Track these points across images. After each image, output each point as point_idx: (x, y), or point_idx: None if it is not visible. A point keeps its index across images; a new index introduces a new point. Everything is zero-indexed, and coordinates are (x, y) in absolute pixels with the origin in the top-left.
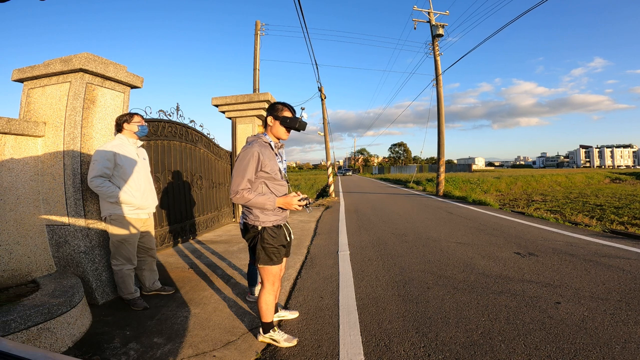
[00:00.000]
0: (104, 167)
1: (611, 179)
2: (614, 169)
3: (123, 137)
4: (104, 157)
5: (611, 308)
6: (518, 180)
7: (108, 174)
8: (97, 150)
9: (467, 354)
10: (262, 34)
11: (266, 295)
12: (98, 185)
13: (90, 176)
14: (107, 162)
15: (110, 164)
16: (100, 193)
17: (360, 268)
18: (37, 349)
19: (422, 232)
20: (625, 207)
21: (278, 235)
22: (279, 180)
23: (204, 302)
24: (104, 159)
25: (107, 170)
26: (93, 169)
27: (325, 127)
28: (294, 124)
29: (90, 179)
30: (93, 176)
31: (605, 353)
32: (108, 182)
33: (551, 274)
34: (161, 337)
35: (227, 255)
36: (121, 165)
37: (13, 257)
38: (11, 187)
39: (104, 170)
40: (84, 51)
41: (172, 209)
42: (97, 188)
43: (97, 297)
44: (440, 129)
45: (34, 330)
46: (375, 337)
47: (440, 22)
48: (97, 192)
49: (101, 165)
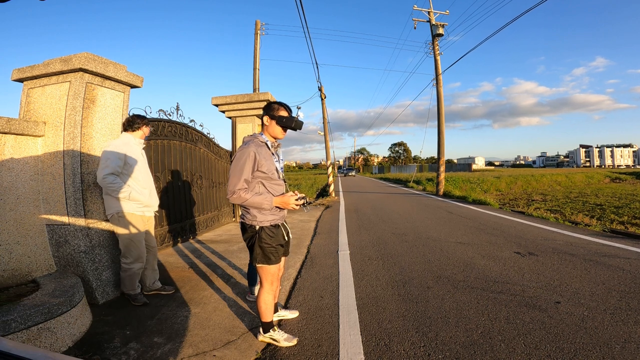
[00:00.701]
0: (116, 165)
1: (611, 178)
2: (614, 168)
3: (129, 137)
4: (116, 155)
5: (611, 308)
6: (518, 179)
7: (119, 171)
8: (106, 150)
9: (467, 353)
10: (262, 33)
11: (265, 294)
12: (111, 182)
13: (104, 173)
14: (119, 160)
15: (121, 162)
16: (112, 190)
17: (360, 268)
18: (37, 349)
19: (422, 232)
20: (625, 206)
21: (276, 234)
22: (276, 180)
23: (204, 302)
24: (116, 157)
25: (119, 168)
26: (106, 166)
27: (325, 127)
28: (290, 123)
29: (103, 176)
30: (106, 173)
31: (605, 353)
32: (120, 179)
33: (551, 273)
34: (161, 336)
35: (227, 254)
36: (130, 164)
37: (13, 256)
38: (11, 186)
39: (116, 168)
40: (84, 51)
41: (172, 208)
42: (109, 185)
43: (98, 297)
44: (440, 128)
45: (34, 330)
46: (375, 336)
47: (440, 22)
48: (108, 189)
49: (114, 163)
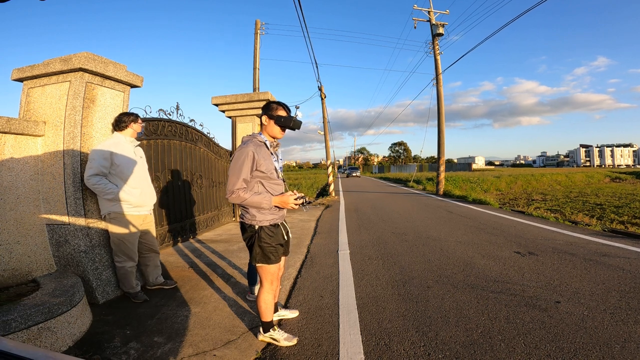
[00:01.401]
0: (100, 166)
1: (611, 178)
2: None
3: (120, 136)
4: (101, 155)
5: (611, 307)
6: (518, 179)
7: (105, 172)
8: (93, 149)
9: (467, 353)
10: (262, 33)
11: (265, 294)
12: (95, 183)
13: (87, 174)
14: (104, 160)
15: (106, 162)
16: (97, 191)
17: (360, 267)
18: (38, 349)
19: (422, 231)
20: (625, 206)
21: (275, 234)
22: (275, 180)
23: (204, 301)
24: (100, 158)
25: (103, 169)
26: (90, 168)
27: (325, 126)
28: (289, 123)
29: (86, 177)
30: (90, 175)
31: (605, 352)
32: (105, 180)
33: (551, 273)
34: (161, 336)
35: (227, 254)
36: (118, 163)
37: (13, 256)
38: (11, 186)
39: (101, 168)
40: (84, 51)
41: (172, 208)
42: (94, 186)
43: (98, 297)
44: (440, 128)
45: (34, 329)
46: (375, 336)
47: (440, 22)
48: (94, 190)
49: (97, 163)
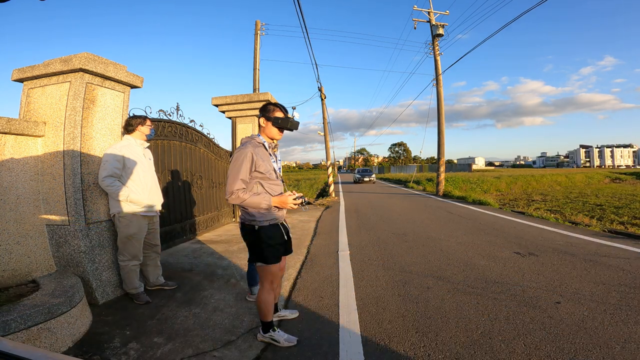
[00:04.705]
0: (114, 168)
1: (611, 178)
2: (614, 168)
3: (131, 139)
4: (114, 158)
5: (611, 308)
6: (518, 180)
7: (118, 173)
8: (106, 152)
9: (467, 353)
10: (262, 33)
11: (265, 294)
12: (109, 184)
13: (102, 176)
14: (117, 162)
15: (119, 164)
16: (110, 192)
17: (360, 268)
18: (37, 349)
19: (422, 232)
20: (625, 206)
21: (275, 234)
22: (273, 180)
23: (204, 302)
24: (114, 160)
25: (117, 170)
26: (104, 169)
27: (325, 127)
28: (285, 124)
29: (101, 179)
30: (104, 176)
31: (605, 353)
32: (118, 182)
33: (551, 273)
34: (161, 336)
35: (227, 254)
36: (129, 166)
37: (13, 257)
38: (11, 187)
39: (114, 170)
40: (84, 51)
41: (172, 208)
42: (107, 187)
43: (98, 297)
44: (440, 128)
45: (34, 330)
46: (375, 336)
47: (440, 22)
48: (107, 191)
49: (112, 165)
